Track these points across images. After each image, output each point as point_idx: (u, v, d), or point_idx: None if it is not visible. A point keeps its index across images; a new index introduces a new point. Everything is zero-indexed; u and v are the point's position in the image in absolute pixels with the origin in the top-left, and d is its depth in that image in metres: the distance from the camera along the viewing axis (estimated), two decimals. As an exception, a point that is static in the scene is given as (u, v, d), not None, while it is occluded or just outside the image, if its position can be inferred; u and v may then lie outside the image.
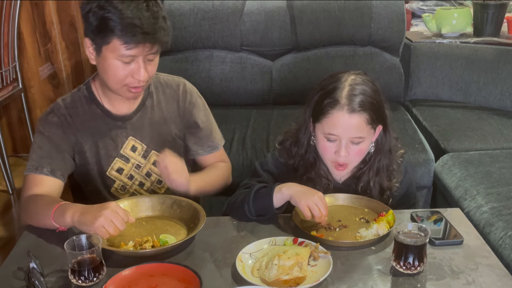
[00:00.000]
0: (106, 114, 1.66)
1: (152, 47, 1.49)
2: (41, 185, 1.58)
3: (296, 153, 1.64)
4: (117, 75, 1.52)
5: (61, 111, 1.64)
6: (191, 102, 1.75)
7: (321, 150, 1.58)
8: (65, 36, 3.49)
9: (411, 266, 1.28)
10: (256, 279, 1.28)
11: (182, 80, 1.78)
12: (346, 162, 1.56)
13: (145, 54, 1.50)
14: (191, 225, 1.49)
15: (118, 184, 1.71)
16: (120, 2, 1.45)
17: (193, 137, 1.78)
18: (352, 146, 1.53)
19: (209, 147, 1.80)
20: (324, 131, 1.54)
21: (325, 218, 1.45)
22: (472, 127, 2.62)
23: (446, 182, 2.26)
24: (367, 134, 1.54)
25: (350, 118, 1.50)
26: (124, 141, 1.68)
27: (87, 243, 1.30)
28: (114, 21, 1.44)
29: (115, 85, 1.56)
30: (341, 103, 1.50)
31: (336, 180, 1.66)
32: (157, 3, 1.51)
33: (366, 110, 1.51)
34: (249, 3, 2.95)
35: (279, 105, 2.96)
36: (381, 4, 2.89)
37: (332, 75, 1.58)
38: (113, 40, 1.47)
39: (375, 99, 1.53)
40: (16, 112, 3.63)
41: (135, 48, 1.47)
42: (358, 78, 1.54)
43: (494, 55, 2.88)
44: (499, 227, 1.81)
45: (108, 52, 1.49)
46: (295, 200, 1.46)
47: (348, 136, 1.52)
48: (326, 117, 1.52)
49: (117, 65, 1.51)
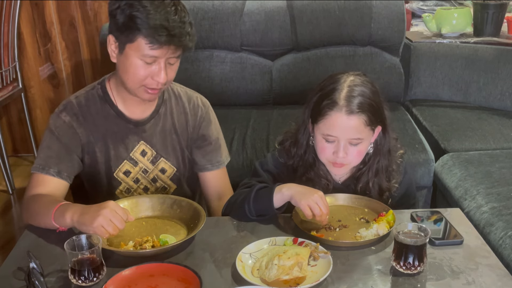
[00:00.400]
0: (120, 116, 1.65)
1: (175, 50, 1.50)
2: (46, 185, 1.58)
3: (296, 153, 1.64)
4: (137, 74, 1.52)
5: (73, 110, 1.63)
6: (202, 116, 1.75)
7: (319, 151, 1.59)
8: (65, 36, 3.49)
9: (411, 266, 1.28)
10: (256, 279, 1.28)
11: (196, 94, 1.78)
12: (344, 162, 1.56)
13: (168, 57, 1.50)
14: (191, 225, 1.49)
15: (123, 187, 1.71)
16: (150, 2, 1.46)
17: (201, 151, 1.77)
18: (351, 147, 1.53)
19: (217, 162, 1.79)
20: (322, 132, 1.54)
21: (326, 217, 1.46)
22: (472, 127, 2.62)
23: (446, 182, 2.26)
24: (366, 135, 1.54)
25: (348, 120, 1.50)
26: (135, 145, 1.68)
27: (87, 243, 1.30)
28: (142, 19, 1.45)
29: (133, 85, 1.55)
30: (340, 104, 1.50)
31: (336, 180, 1.66)
32: (184, 8, 1.52)
33: (365, 112, 1.51)
34: (249, 3, 2.95)
35: (279, 105, 2.96)
36: (381, 4, 2.89)
37: (331, 76, 1.58)
38: (138, 39, 1.47)
39: (374, 101, 1.53)
40: (16, 112, 3.63)
41: (159, 49, 1.47)
42: (357, 79, 1.54)
43: (494, 55, 2.88)
44: (499, 227, 1.81)
45: (131, 51, 1.49)
46: (295, 200, 1.46)
47: (346, 137, 1.52)
48: (325, 118, 1.52)
49: (139, 64, 1.50)
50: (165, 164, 1.71)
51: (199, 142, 1.76)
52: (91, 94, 1.66)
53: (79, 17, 3.46)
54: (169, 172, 1.73)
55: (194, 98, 1.76)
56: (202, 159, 1.78)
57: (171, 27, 1.45)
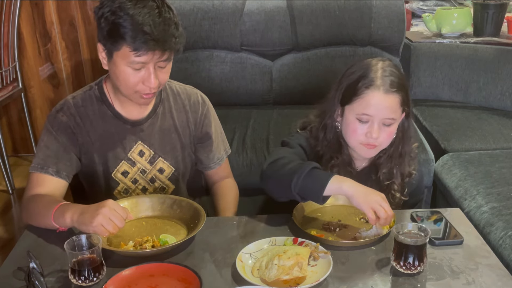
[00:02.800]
0: (117, 117, 1.65)
1: (162, 54, 1.48)
2: (45, 185, 1.58)
3: (324, 138, 1.63)
4: (127, 81, 1.51)
5: (70, 110, 1.63)
6: (203, 113, 1.74)
7: (350, 132, 1.57)
8: (65, 36, 3.49)
9: (411, 266, 1.28)
10: (256, 279, 1.28)
11: (195, 91, 1.77)
12: (376, 143, 1.55)
13: (156, 62, 1.49)
14: (191, 225, 1.49)
15: (121, 187, 1.71)
16: (132, 7, 1.44)
17: (205, 150, 1.78)
18: (383, 128, 1.54)
19: (218, 159, 1.81)
20: (357, 112, 1.53)
21: (391, 219, 1.42)
22: (472, 127, 2.62)
23: (446, 182, 2.26)
24: (398, 116, 1.56)
25: (385, 98, 1.51)
26: (133, 145, 1.68)
27: (87, 243, 1.30)
28: (125, 27, 1.43)
29: (127, 91, 1.55)
30: (377, 83, 1.51)
31: (355, 168, 1.65)
32: (170, 10, 1.49)
33: (399, 91, 1.52)
34: (249, 3, 2.95)
35: (279, 105, 2.96)
36: (381, 4, 2.89)
37: (359, 62, 1.60)
38: (123, 47, 1.45)
39: (404, 82, 1.57)
40: (16, 112, 3.63)
41: (144, 55, 1.45)
42: (386, 62, 1.57)
43: (494, 55, 2.88)
44: (499, 227, 1.81)
45: (119, 59, 1.48)
46: (357, 202, 1.41)
47: (381, 116, 1.52)
48: (361, 97, 1.52)
49: (128, 72, 1.49)
50: (163, 164, 1.71)
51: (203, 140, 1.76)
52: (88, 95, 1.66)
53: (79, 17, 3.46)
54: (167, 172, 1.73)
55: (193, 95, 1.75)
56: (206, 158, 1.79)
57: (154, 31, 1.43)
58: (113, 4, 1.45)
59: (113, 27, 1.44)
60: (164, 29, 1.45)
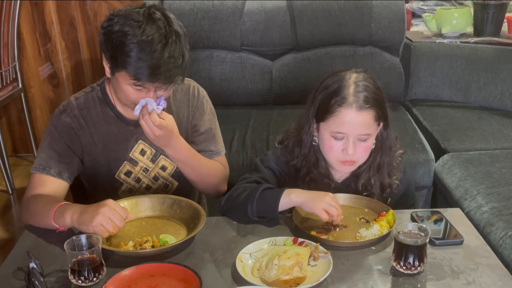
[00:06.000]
0: (119, 118, 1.65)
1: (164, 84, 1.48)
2: (46, 186, 1.58)
3: (299, 153, 1.63)
4: (128, 97, 1.51)
5: (74, 112, 1.62)
6: (195, 105, 1.74)
7: (326, 150, 1.58)
8: (65, 36, 3.49)
9: (411, 266, 1.28)
10: (256, 279, 1.28)
11: (193, 82, 1.76)
12: (354, 159, 1.56)
13: (157, 87, 1.48)
14: (191, 225, 1.49)
15: (125, 187, 1.71)
16: (140, 33, 1.41)
17: (194, 141, 1.75)
18: (359, 144, 1.53)
19: (210, 151, 1.76)
20: (331, 130, 1.53)
21: (341, 216, 1.46)
22: (472, 127, 2.62)
23: (446, 182, 2.26)
24: (373, 130, 1.55)
25: (358, 115, 1.50)
26: (134, 144, 1.67)
27: (87, 243, 1.30)
28: (130, 57, 1.42)
29: (126, 103, 1.55)
30: (349, 100, 1.50)
31: (336, 180, 1.66)
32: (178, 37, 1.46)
33: (373, 107, 1.51)
34: (249, 3, 2.95)
35: (279, 105, 2.96)
36: (381, 4, 2.89)
37: (333, 74, 1.58)
38: (123, 72, 1.46)
39: (379, 95, 1.54)
40: (16, 112, 3.63)
41: (145, 84, 1.46)
42: (360, 76, 1.55)
43: (494, 55, 2.88)
44: (499, 227, 1.81)
45: (121, 78, 1.48)
46: (309, 207, 1.46)
47: (356, 133, 1.52)
48: (334, 115, 1.52)
49: (129, 90, 1.49)
50: (165, 161, 1.71)
51: (193, 132, 1.75)
52: (90, 96, 1.65)
53: (79, 17, 3.46)
54: (169, 169, 1.72)
55: (191, 88, 1.74)
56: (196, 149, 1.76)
57: (158, 67, 1.42)
58: (122, 26, 1.43)
59: (118, 52, 1.44)
60: (168, 62, 1.43)
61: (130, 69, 1.44)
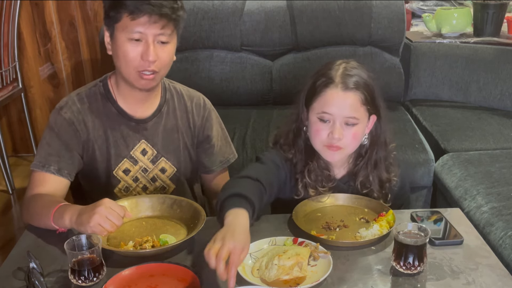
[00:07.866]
0: (121, 114, 1.65)
1: (160, 23, 1.49)
2: (46, 184, 1.57)
3: (295, 144, 1.61)
4: (127, 56, 1.52)
5: (74, 106, 1.63)
6: (205, 117, 1.75)
7: (313, 134, 1.55)
8: (65, 36, 3.49)
9: (411, 266, 1.28)
10: (256, 279, 1.28)
11: (198, 94, 1.78)
12: (340, 145, 1.53)
13: (155, 33, 1.50)
14: (191, 225, 1.49)
15: (122, 185, 1.71)
16: None
17: (206, 153, 1.78)
18: (346, 129, 1.51)
19: (221, 162, 1.80)
20: (317, 111, 1.52)
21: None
22: (472, 127, 2.62)
23: (446, 182, 2.26)
24: (362, 116, 1.53)
25: (344, 96, 1.50)
26: (136, 143, 1.68)
27: (87, 243, 1.30)
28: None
29: (127, 69, 1.54)
30: (335, 81, 1.51)
31: (334, 176, 1.64)
32: None
33: (360, 89, 1.51)
34: (249, 3, 2.95)
35: (279, 105, 2.96)
36: (381, 4, 2.90)
37: (327, 63, 1.59)
38: (123, 17, 1.48)
39: (368, 83, 1.53)
40: (16, 112, 3.63)
41: (141, 18, 1.47)
42: (352, 63, 1.56)
43: (494, 55, 2.88)
44: (499, 227, 1.81)
45: (119, 33, 1.50)
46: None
47: (342, 115, 1.50)
48: (320, 96, 1.52)
49: (127, 47, 1.51)
50: (166, 164, 1.71)
51: (204, 144, 1.76)
52: (92, 92, 1.66)
53: (79, 17, 3.46)
54: (169, 172, 1.73)
55: (196, 97, 1.76)
56: (208, 161, 1.79)
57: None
58: None
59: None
60: None
61: (128, 3, 1.47)
